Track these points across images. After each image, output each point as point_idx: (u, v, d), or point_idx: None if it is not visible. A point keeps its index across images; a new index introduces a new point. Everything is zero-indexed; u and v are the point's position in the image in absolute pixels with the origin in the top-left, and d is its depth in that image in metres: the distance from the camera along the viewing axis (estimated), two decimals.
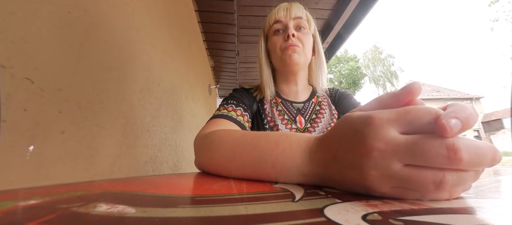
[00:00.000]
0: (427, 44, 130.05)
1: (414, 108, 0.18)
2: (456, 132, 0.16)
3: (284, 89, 0.65)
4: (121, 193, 0.19)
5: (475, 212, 0.15)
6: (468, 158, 0.16)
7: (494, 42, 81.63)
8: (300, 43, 0.59)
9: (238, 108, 0.55)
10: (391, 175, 0.18)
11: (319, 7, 1.67)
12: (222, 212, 0.14)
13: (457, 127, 0.16)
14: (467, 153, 0.16)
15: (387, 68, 23.95)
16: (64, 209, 0.14)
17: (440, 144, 0.16)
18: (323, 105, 0.64)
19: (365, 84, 23.89)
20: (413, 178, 0.17)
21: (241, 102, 0.57)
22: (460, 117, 0.16)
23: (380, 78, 24.07)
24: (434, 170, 0.17)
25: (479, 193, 0.20)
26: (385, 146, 0.18)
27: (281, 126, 0.58)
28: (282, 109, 0.61)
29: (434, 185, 0.17)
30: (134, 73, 0.71)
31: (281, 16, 0.61)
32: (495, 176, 0.32)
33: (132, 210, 0.14)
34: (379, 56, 24.31)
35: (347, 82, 22.84)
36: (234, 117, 0.52)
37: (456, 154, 0.16)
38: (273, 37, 0.61)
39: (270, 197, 0.18)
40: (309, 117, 0.60)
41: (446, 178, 0.16)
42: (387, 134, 0.18)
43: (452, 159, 0.16)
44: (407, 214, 0.14)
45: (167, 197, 0.18)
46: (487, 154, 0.17)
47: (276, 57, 0.61)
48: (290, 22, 0.59)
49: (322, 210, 0.14)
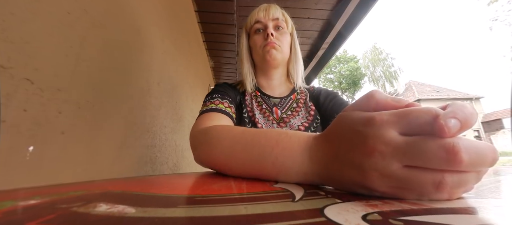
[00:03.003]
0: (426, 44, 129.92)
1: (414, 109, 0.18)
2: (455, 133, 0.16)
3: (264, 83, 0.70)
4: (121, 193, 0.19)
5: (476, 212, 0.15)
6: (468, 159, 0.16)
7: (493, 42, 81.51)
8: (279, 41, 0.64)
9: (224, 100, 0.57)
10: (391, 175, 0.18)
11: (319, 7, 1.67)
12: (222, 212, 0.14)
13: (456, 127, 0.16)
14: (467, 154, 0.16)
15: (387, 68, 23.97)
16: (64, 209, 0.14)
17: (439, 145, 0.16)
18: (300, 103, 0.67)
19: (365, 84, 23.92)
20: (412, 178, 0.17)
21: (225, 95, 0.60)
22: (459, 117, 0.16)
23: (380, 78, 24.09)
24: (433, 172, 0.17)
25: (479, 193, 0.20)
26: (386, 147, 0.18)
27: (259, 115, 0.62)
28: (261, 101, 0.66)
29: (433, 186, 0.17)
30: (134, 73, 0.71)
31: (261, 16, 0.66)
32: (495, 176, 0.32)
33: (132, 210, 0.14)
34: (378, 57, 24.34)
35: (347, 83, 22.85)
36: (223, 109, 0.54)
37: (456, 156, 0.16)
38: (254, 36, 0.66)
39: (270, 197, 0.18)
40: (285, 112, 0.64)
41: (445, 180, 0.16)
42: (387, 135, 0.18)
43: (451, 161, 0.16)
44: (407, 214, 0.14)
45: (167, 197, 0.18)
46: (487, 155, 0.16)
47: (257, 54, 0.66)
48: (269, 22, 0.65)
49: (322, 210, 0.14)
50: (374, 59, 24.15)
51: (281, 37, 0.65)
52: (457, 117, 0.16)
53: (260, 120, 0.61)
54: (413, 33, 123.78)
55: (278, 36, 0.64)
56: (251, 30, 0.67)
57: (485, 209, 0.15)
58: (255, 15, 0.67)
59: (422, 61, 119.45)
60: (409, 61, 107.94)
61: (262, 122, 0.61)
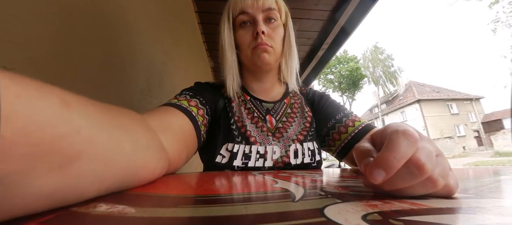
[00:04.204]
0: (427, 44, 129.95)
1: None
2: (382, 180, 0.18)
3: (253, 86, 0.59)
4: (121, 193, 0.19)
5: (475, 212, 0.15)
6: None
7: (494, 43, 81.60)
8: (271, 41, 0.52)
9: (193, 99, 0.47)
10: None
11: (319, 8, 1.68)
12: (222, 212, 0.14)
13: (381, 176, 0.18)
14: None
15: (387, 69, 23.98)
16: (63, 209, 0.14)
17: None
18: (295, 108, 0.59)
19: (365, 85, 23.93)
20: None
21: (198, 94, 0.50)
22: (382, 166, 0.18)
23: (380, 78, 24.10)
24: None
25: (479, 193, 0.20)
26: None
27: (250, 126, 0.52)
28: (251, 107, 0.55)
29: None
30: (135, 74, 0.71)
31: (248, 5, 0.52)
32: (495, 176, 0.32)
33: (132, 210, 0.14)
34: (378, 57, 24.34)
35: (346, 83, 22.86)
36: (185, 106, 0.44)
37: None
38: (240, 31, 0.53)
39: (270, 197, 0.18)
40: (280, 119, 0.55)
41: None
42: None
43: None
44: (407, 214, 0.14)
45: (167, 196, 0.18)
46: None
47: (245, 54, 0.54)
48: (258, 14, 0.51)
49: (322, 210, 0.14)
50: (374, 59, 24.16)
51: (274, 33, 0.53)
52: (380, 166, 0.18)
53: (253, 132, 0.51)
54: (413, 34, 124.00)
55: (270, 32, 0.52)
56: (236, 22, 0.54)
57: (485, 209, 0.15)
58: (239, 3, 0.52)
59: (422, 61, 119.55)
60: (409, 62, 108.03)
61: (255, 135, 0.51)
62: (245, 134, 0.51)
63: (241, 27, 0.53)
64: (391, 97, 23.92)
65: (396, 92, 23.59)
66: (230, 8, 0.55)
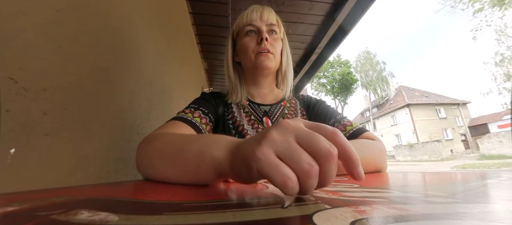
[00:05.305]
0: (417, 50, 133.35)
1: None
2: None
3: (253, 91, 0.67)
4: (105, 199, 0.18)
5: (462, 218, 0.15)
6: None
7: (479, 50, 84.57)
8: (272, 48, 0.60)
9: (196, 111, 0.55)
10: None
11: (313, 12, 1.70)
12: (210, 219, 0.13)
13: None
14: None
15: (379, 73, 24.46)
16: (43, 216, 0.14)
17: None
18: (291, 110, 0.64)
19: (357, 89, 24.31)
20: None
21: (201, 106, 0.57)
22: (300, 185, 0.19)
23: (371, 83, 24.55)
24: None
25: (466, 198, 0.20)
26: None
27: (247, 126, 0.58)
28: (249, 110, 0.62)
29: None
30: (125, 74, 0.70)
31: (254, 18, 0.61)
32: (482, 180, 0.33)
33: (115, 218, 0.13)
34: (371, 62, 24.81)
35: (339, 87, 23.18)
36: (190, 119, 0.52)
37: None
38: (245, 38, 0.61)
39: (259, 203, 0.18)
40: (276, 120, 0.60)
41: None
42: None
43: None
44: (395, 221, 0.14)
45: (153, 203, 0.17)
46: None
47: (248, 59, 0.61)
48: (263, 26, 0.60)
49: (311, 217, 0.14)
50: (366, 64, 24.61)
51: (275, 43, 0.61)
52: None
53: (249, 131, 0.58)
54: (404, 40, 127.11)
55: (272, 41, 0.61)
56: (242, 32, 0.63)
57: (471, 214, 0.16)
58: (247, 16, 0.62)
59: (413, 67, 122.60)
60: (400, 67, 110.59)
61: (251, 134, 0.57)
62: (241, 133, 0.56)
63: (247, 35, 0.62)
64: (382, 101, 24.39)
65: (387, 96, 24.07)
66: (236, 23, 0.65)
